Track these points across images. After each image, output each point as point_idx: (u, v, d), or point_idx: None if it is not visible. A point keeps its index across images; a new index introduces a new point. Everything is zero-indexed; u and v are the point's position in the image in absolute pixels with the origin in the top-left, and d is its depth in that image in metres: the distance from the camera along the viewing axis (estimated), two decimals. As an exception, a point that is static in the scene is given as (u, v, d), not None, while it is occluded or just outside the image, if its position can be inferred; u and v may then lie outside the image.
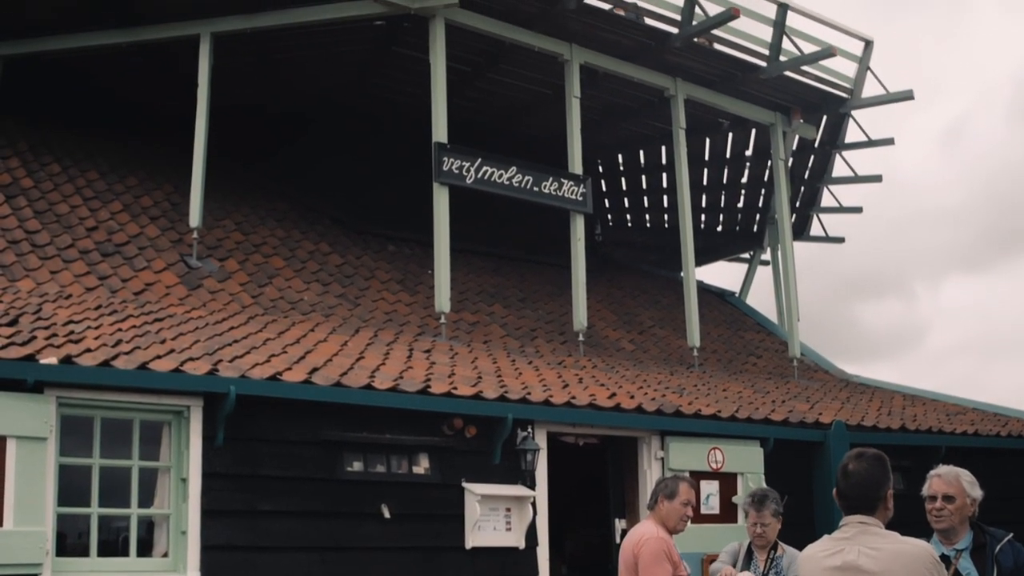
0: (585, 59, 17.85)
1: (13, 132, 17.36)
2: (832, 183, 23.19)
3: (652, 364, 18.01)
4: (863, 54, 20.88)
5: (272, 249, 17.13)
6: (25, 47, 16.88)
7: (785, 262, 20.98)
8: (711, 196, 23.85)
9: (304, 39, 17.22)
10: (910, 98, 20.73)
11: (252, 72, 18.22)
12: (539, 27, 17.25)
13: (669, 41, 18.05)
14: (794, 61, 19.42)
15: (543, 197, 17.00)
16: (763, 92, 19.99)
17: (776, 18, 19.11)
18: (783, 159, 20.73)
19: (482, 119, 19.77)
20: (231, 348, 11.73)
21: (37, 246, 14.68)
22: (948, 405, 19.45)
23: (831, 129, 21.77)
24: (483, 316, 17.81)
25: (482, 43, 17.55)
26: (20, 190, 15.98)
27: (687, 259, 18.97)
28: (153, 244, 15.83)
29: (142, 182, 17.50)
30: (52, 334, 10.70)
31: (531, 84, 19.17)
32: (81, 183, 16.82)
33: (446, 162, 15.87)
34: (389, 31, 17.10)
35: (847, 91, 20.90)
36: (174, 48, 16.89)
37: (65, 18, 16.60)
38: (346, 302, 16.42)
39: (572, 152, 17.45)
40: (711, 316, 21.74)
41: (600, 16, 17.46)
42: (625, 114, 20.89)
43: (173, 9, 16.39)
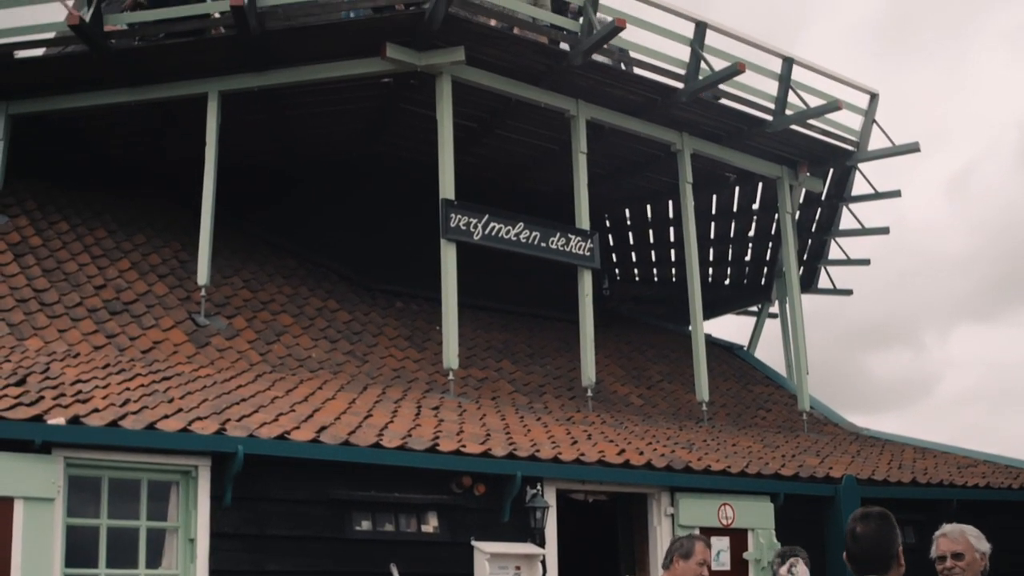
0: (591, 115, 17.91)
1: (22, 191, 17.42)
2: (839, 235, 23.18)
3: (661, 419, 17.95)
4: (869, 107, 20.92)
5: (280, 306, 17.13)
6: (33, 106, 16.94)
7: (793, 315, 20.94)
8: (719, 249, 23.85)
9: (312, 97, 17.29)
10: (916, 150, 20.77)
11: (260, 129, 18.29)
12: (545, 83, 17.33)
13: (675, 96, 18.09)
14: (800, 115, 19.45)
15: (551, 253, 17.01)
16: (769, 146, 20.03)
17: (782, 72, 19.18)
18: (790, 212, 20.75)
19: (489, 175, 19.81)
20: (239, 407, 11.71)
21: (46, 304, 14.70)
22: (959, 457, 19.36)
23: (838, 182, 21.79)
24: (491, 372, 17.78)
25: (489, 100, 17.62)
26: (29, 248, 16.03)
27: (695, 313, 18.95)
28: (161, 302, 15.84)
29: (150, 240, 17.53)
30: (60, 394, 10.69)
31: (538, 140, 19.24)
32: (90, 241, 16.87)
33: (453, 218, 15.90)
34: (396, 88, 17.17)
35: (853, 144, 20.92)
36: (182, 106, 16.96)
37: (73, 77, 16.69)
38: (354, 359, 16.41)
39: (579, 207, 17.48)
40: (720, 370, 21.70)
41: (606, 72, 17.53)
42: (632, 169, 20.93)
43: (181, 67, 16.47)
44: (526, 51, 16.95)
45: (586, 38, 16.68)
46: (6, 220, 16.58)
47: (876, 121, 20.92)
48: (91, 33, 15.75)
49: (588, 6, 16.82)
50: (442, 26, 15.72)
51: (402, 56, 16.05)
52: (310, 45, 16.18)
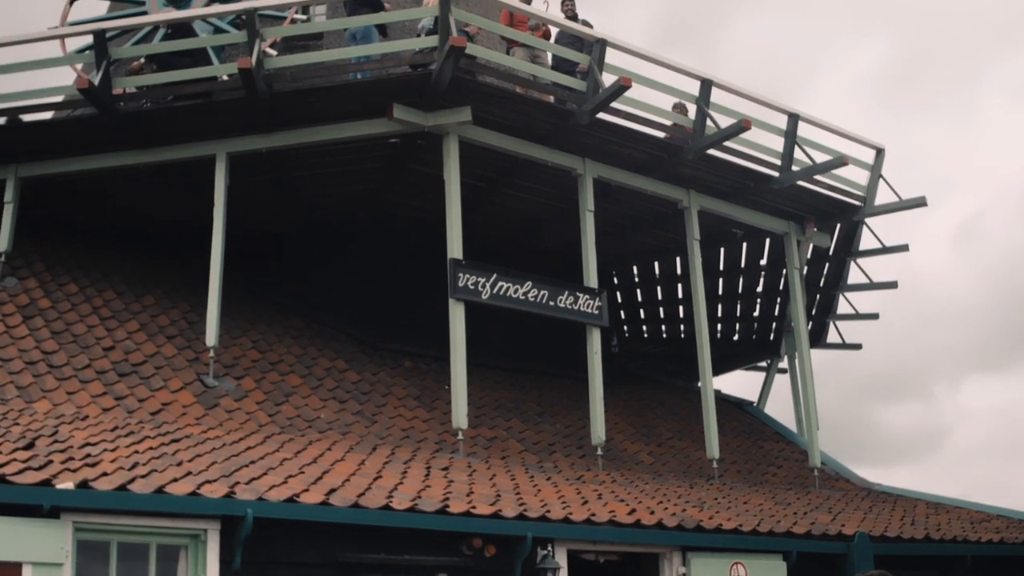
0: (598, 173, 17.96)
1: (31, 252, 17.50)
2: (848, 290, 23.12)
3: (671, 477, 17.87)
4: (875, 162, 20.93)
5: (289, 367, 17.11)
6: (43, 168, 17.04)
7: (803, 370, 20.88)
8: (727, 305, 23.82)
9: (319, 157, 17.37)
10: (923, 205, 20.76)
11: (268, 190, 18.34)
12: (552, 142, 17.40)
13: (682, 153, 18.15)
14: (806, 171, 19.47)
15: (559, 311, 16.99)
16: (776, 202, 20.06)
17: (787, 128, 19.20)
18: (798, 268, 20.74)
19: (497, 233, 19.85)
20: (248, 469, 11.68)
21: (54, 367, 14.72)
22: (972, 512, 19.24)
23: (845, 237, 21.77)
24: (501, 431, 17.72)
25: (496, 159, 17.67)
26: (38, 310, 16.07)
27: (704, 369, 18.91)
28: (170, 363, 15.84)
29: (159, 301, 17.56)
30: (69, 457, 10.68)
31: (545, 198, 19.27)
32: (98, 303, 16.90)
33: (462, 278, 15.90)
34: (404, 148, 17.23)
35: (860, 199, 20.91)
36: (190, 167, 17.03)
37: (82, 140, 16.79)
38: (363, 419, 16.37)
39: (587, 265, 17.49)
40: (730, 426, 21.62)
41: (613, 130, 17.57)
42: (639, 226, 20.95)
43: (189, 129, 16.57)
44: (533, 111, 17.04)
45: (592, 97, 16.76)
46: (15, 282, 16.63)
47: (883, 176, 20.93)
48: (100, 96, 15.87)
49: (594, 66, 16.91)
50: (449, 87, 15.81)
51: (409, 116, 16.15)
52: (317, 106, 16.30)
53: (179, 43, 17.23)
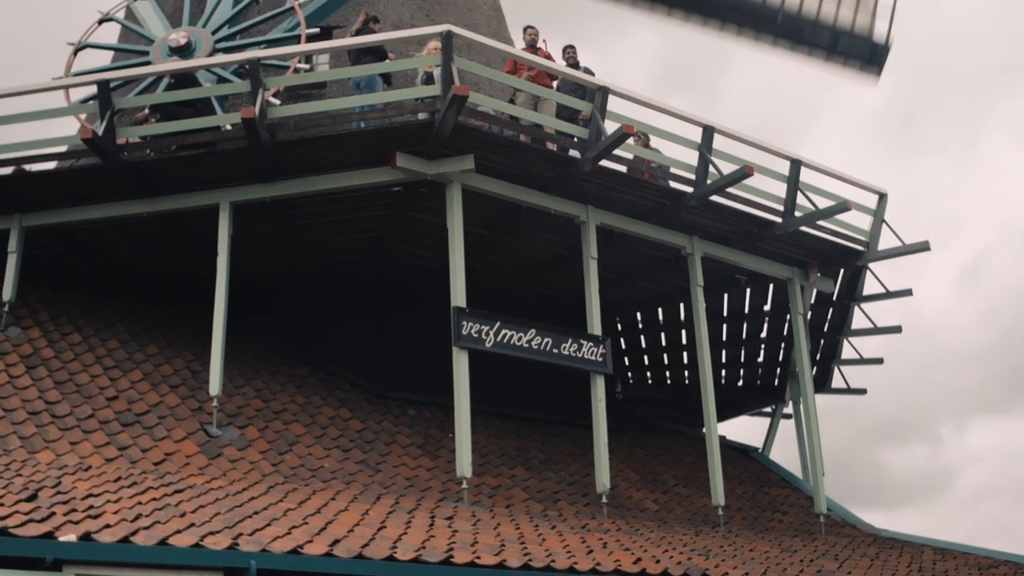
0: (601, 220, 17.99)
1: (34, 302, 17.53)
2: (852, 335, 23.07)
3: (677, 524, 17.77)
4: (877, 207, 20.95)
5: (292, 416, 17.07)
6: (47, 218, 17.11)
7: (808, 416, 20.82)
8: (731, 351, 23.78)
9: (322, 206, 17.40)
10: (926, 249, 20.75)
11: (271, 238, 18.38)
12: (555, 190, 17.44)
13: (684, 200, 18.17)
14: (809, 216, 19.48)
15: (563, 359, 16.95)
16: (779, 247, 20.06)
17: (790, 174, 19.24)
18: (802, 313, 20.72)
19: (500, 281, 19.86)
20: (251, 520, 11.62)
21: (57, 417, 14.70)
22: (980, 558, 19.09)
23: (849, 282, 21.76)
24: (505, 479, 17.65)
25: (499, 207, 17.69)
26: (41, 360, 16.07)
27: (709, 415, 18.85)
28: (173, 413, 15.81)
29: (162, 350, 17.55)
30: (71, 509, 10.63)
31: (548, 246, 19.30)
32: (101, 352, 16.90)
33: (465, 326, 15.88)
34: (407, 197, 17.27)
35: (863, 244, 20.91)
36: (194, 216, 17.07)
37: (86, 190, 16.84)
38: (367, 468, 16.31)
39: (591, 313, 17.47)
40: (735, 473, 21.53)
41: (615, 178, 17.62)
42: (643, 273, 20.96)
43: (193, 179, 16.62)
44: (535, 158, 17.09)
45: (595, 145, 16.80)
46: (19, 331, 16.64)
47: (886, 221, 20.94)
48: (104, 146, 15.93)
49: (596, 113, 16.97)
50: (451, 135, 15.86)
51: (412, 165, 16.20)
52: (320, 155, 16.35)
53: (183, 93, 17.31)
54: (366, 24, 19.02)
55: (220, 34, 19.78)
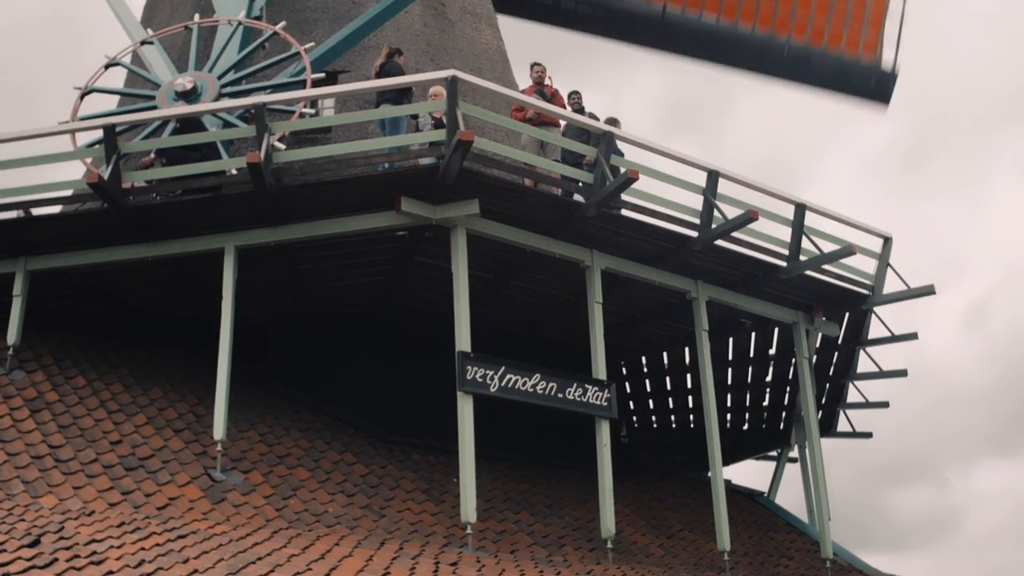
0: (606, 264, 18.00)
1: (39, 345, 17.53)
2: (857, 379, 23.02)
3: (682, 570, 17.69)
4: (882, 251, 20.95)
5: (296, 460, 17.02)
6: (51, 262, 17.13)
7: (813, 460, 20.74)
8: (736, 395, 23.73)
9: (327, 250, 17.42)
10: (931, 293, 20.76)
11: (276, 282, 18.39)
12: (560, 234, 17.45)
13: (689, 244, 18.19)
14: (814, 260, 19.48)
15: (568, 404, 16.91)
16: (784, 292, 20.05)
17: (794, 218, 19.24)
18: (807, 357, 20.69)
19: (505, 325, 19.85)
20: (255, 566, 11.58)
21: (61, 461, 14.68)
22: (987, 605, 18.99)
23: (854, 325, 21.72)
24: (510, 524, 17.57)
25: (503, 251, 17.71)
26: (45, 404, 16.06)
27: (714, 460, 18.77)
28: (177, 457, 15.77)
29: (166, 394, 17.53)
30: (74, 555, 10.61)
31: (553, 290, 19.31)
32: (106, 396, 16.88)
33: (470, 371, 15.85)
34: (411, 241, 17.28)
35: (868, 288, 20.90)
36: (199, 260, 17.09)
37: (91, 234, 16.87)
38: (371, 513, 16.25)
39: (596, 357, 17.44)
40: (740, 517, 21.44)
41: (620, 222, 17.64)
42: (648, 317, 20.95)
43: (198, 223, 16.66)
44: (540, 203, 17.11)
45: (600, 189, 16.83)
46: (23, 375, 16.64)
47: (891, 265, 20.94)
48: (110, 190, 15.96)
49: (601, 158, 17.00)
50: (456, 180, 15.89)
51: (417, 210, 16.21)
52: (325, 200, 16.39)
53: (188, 137, 17.36)
54: (390, 58, 19.14)
55: (226, 79, 19.84)
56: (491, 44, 26.08)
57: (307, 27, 23.16)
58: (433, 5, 25.13)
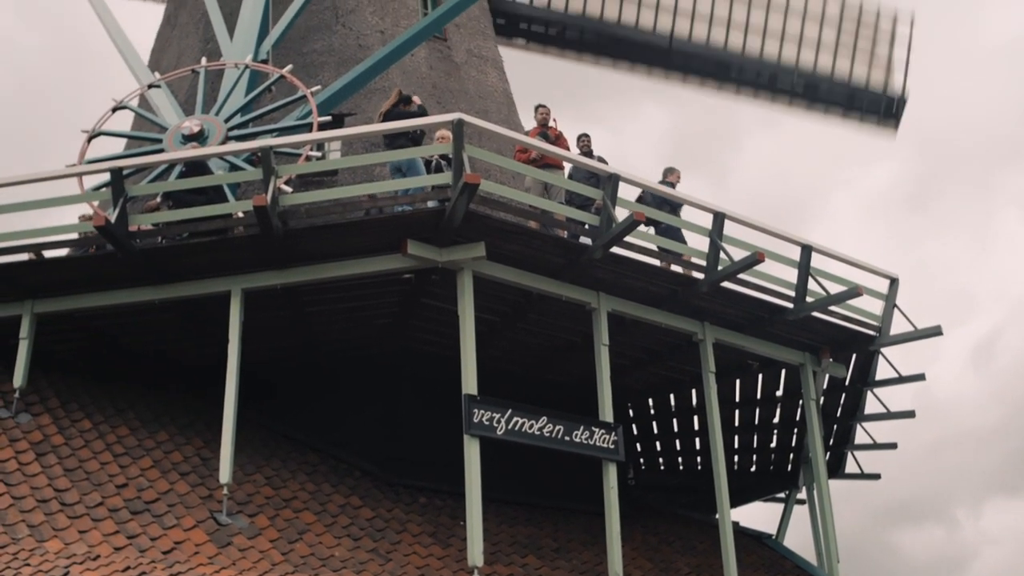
0: (613, 307, 17.98)
1: (45, 388, 17.53)
2: (865, 420, 22.95)
3: (690, 613, 17.59)
4: (889, 291, 20.93)
5: (302, 503, 16.96)
6: (58, 305, 17.16)
7: (821, 502, 20.68)
8: (743, 437, 23.67)
9: (334, 293, 17.41)
10: (938, 334, 20.72)
11: (282, 325, 18.39)
12: (566, 277, 17.45)
13: (696, 287, 18.19)
14: (820, 302, 19.47)
15: (574, 447, 16.85)
16: (791, 333, 20.04)
17: (800, 260, 19.23)
18: (814, 399, 20.64)
19: (511, 367, 19.83)
20: (261, 612, 11.53)
21: (66, 505, 14.65)
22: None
23: (861, 367, 21.68)
24: (516, 568, 17.49)
25: (510, 293, 17.72)
26: (51, 447, 16.05)
27: (721, 501, 18.69)
28: (183, 501, 15.72)
29: (172, 437, 17.50)
30: (79, 602, 10.56)
31: (559, 332, 19.30)
32: (112, 439, 16.85)
33: (476, 414, 15.80)
34: (418, 284, 17.28)
35: (875, 329, 20.88)
36: (205, 303, 17.11)
37: (98, 276, 16.89)
38: (377, 557, 16.17)
39: (602, 399, 17.40)
40: (748, 560, 21.31)
41: (626, 264, 17.63)
42: (654, 359, 20.92)
43: (204, 266, 16.67)
44: (546, 246, 17.11)
45: (606, 232, 16.84)
46: (29, 418, 16.63)
47: (897, 306, 20.91)
48: (116, 233, 15.99)
49: (607, 200, 17.02)
50: (462, 223, 15.91)
51: (423, 252, 16.22)
52: (332, 243, 16.40)
53: (195, 180, 17.41)
54: (396, 105, 19.14)
55: (233, 122, 19.91)
56: (497, 87, 26.19)
57: (313, 70, 23.26)
58: (439, 48, 25.26)
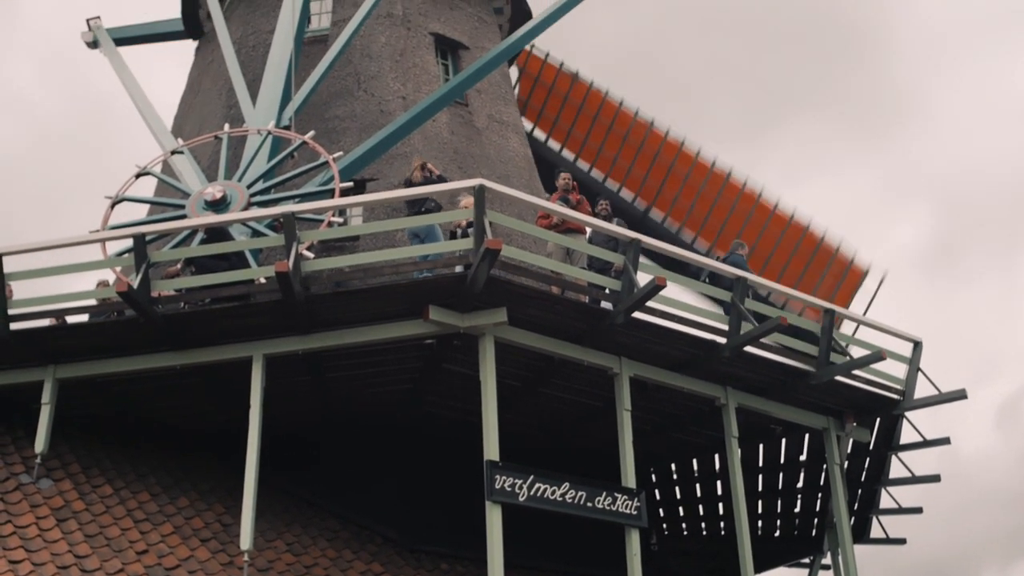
0: (635, 371, 17.93)
1: (66, 454, 17.53)
2: (890, 484, 22.74)
3: None
4: (913, 355, 20.81)
5: (323, 570, 16.88)
6: (80, 370, 17.19)
7: (846, 567, 20.47)
8: (767, 502, 23.46)
9: (356, 358, 17.42)
10: (963, 398, 20.55)
11: (303, 390, 18.36)
12: (588, 342, 17.41)
13: (718, 351, 18.12)
14: (844, 366, 19.36)
15: (597, 512, 16.74)
16: (814, 397, 19.91)
17: (823, 324, 19.17)
18: (838, 463, 20.49)
19: (534, 432, 19.75)
20: None
21: (87, 571, 14.64)
22: None
23: (885, 431, 21.50)
24: (539, 635, 17.36)
25: (532, 358, 17.68)
26: (71, 513, 16.02)
27: (746, 568, 18.54)
28: (204, 567, 15.69)
29: (193, 503, 17.46)
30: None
31: (581, 397, 19.20)
32: (132, 505, 16.83)
33: (498, 480, 15.72)
34: (440, 349, 17.26)
35: (899, 392, 20.74)
36: (227, 368, 17.10)
37: (120, 342, 16.92)
38: (399, 624, 16.07)
39: (625, 465, 17.30)
40: (773, 627, 21.12)
41: (648, 329, 17.58)
42: (677, 424, 20.82)
43: (226, 331, 16.69)
44: (568, 311, 17.10)
45: (628, 297, 16.81)
46: (50, 483, 16.63)
47: (921, 369, 20.79)
48: (139, 299, 16.03)
49: (628, 265, 17.00)
50: (484, 288, 15.90)
51: (445, 318, 16.22)
52: (354, 308, 16.42)
53: (217, 246, 17.48)
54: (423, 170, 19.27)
55: (255, 188, 19.99)
56: (518, 151, 26.28)
57: (335, 136, 23.39)
58: (460, 114, 25.39)
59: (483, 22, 28.57)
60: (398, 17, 26.31)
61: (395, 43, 25.82)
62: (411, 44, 26.04)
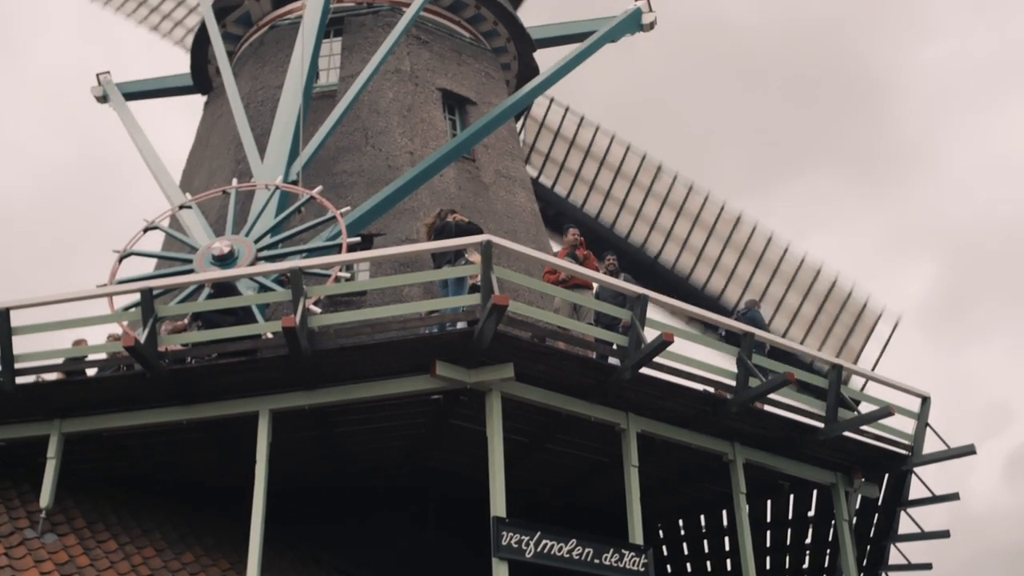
0: (642, 427, 17.88)
1: (71, 508, 17.45)
2: (899, 540, 22.61)
3: None
4: (921, 410, 20.73)
5: (328, 627, 16.79)
6: (86, 425, 17.15)
7: (856, 625, 20.31)
8: (775, 558, 23.28)
9: (362, 413, 17.39)
10: (972, 453, 20.50)
11: (310, 446, 18.32)
12: (595, 398, 17.38)
13: (726, 407, 18.08)
14: (852, 422, 19.31)
15: (604, 569, 16.57)
16: (822, 453, 19.85)
17: (831, 379, 19.13)
18: (847, 520, 20.39)
19: (540, 488, 19.69)
20: None
21: (90, 630, 14.50)
22: None
23: (894, 486, 21.40)
24: None
25: (539, 414, 17.62)
26: (76, 568, 15.93)
27: (754, 625, 18.41)
28: (208, 624, 15.57)
29: (199, 558, 17.35)
30: None
31: (588, 453, 19.13)
32: (137, 560, 16.72)
33: (505, 536, 15.62)
34: (446, 405, 17.22)
35: (908, 448, 20.66)
36: (233, 424, 17.07)
37: (126, 396, 16.91)
38: None
39: (632, 522, 17.21)
40: None
41: (656, 385, 17.55)
42: (684, 480, 20.74)
43: (233, 386, 16.67)
44: (575, 367, 17.08)
45: (635, 352, 16.78)
46: (55, 538, 16.53)
47: (930, 425, 20.71)
48: (145, 354, 16.02)
49: (636, 321, 16.98)
50: (491, 344, 15.88)
51: (452, 374, 16.19)
52: (360, 364, 16.40)
53: (224, 301, 17.49)
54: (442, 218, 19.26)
55: (263, 243, 20.04)
56: (525, 206, 26.35)
57: (343, 191, 23.46)
58: (467, 169, 25.48)
59: (490, 78, 28.73)
60: (406, 73, 26.47)
61: (403, 98, 25.96)
62: (419, 99, 26.17)
